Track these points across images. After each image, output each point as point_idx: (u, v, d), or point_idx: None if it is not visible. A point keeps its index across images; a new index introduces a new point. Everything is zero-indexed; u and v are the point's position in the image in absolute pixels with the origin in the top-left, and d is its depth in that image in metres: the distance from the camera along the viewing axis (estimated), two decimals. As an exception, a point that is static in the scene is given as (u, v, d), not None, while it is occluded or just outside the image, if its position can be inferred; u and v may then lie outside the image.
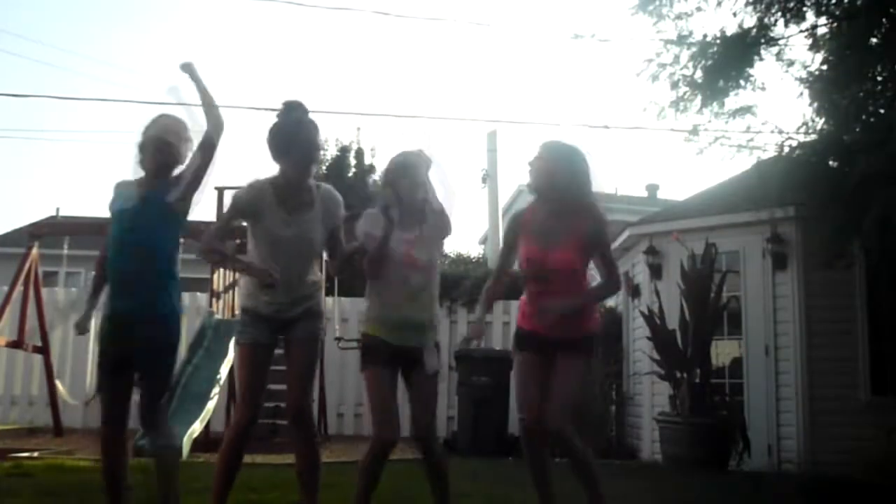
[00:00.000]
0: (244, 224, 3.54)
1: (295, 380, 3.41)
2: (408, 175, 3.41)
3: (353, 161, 19.84)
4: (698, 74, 6.89)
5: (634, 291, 8.89)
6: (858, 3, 6.46)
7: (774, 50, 6.96)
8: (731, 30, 6.90)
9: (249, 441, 3.44)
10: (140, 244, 3.39)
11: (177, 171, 3.49)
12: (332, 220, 3.45)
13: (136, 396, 3.44)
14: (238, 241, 4.79)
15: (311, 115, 3.43)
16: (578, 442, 3.41)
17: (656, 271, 8.29)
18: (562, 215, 3.47)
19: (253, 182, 3.39)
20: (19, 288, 8.29)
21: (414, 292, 3.38)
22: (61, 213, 22.79)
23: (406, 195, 3.39)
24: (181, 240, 3.66)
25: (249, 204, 3.35)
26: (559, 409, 3.39)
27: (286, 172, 3.37)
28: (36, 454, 6.42)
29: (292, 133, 3.35)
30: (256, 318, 3.37)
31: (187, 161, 3.49)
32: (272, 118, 3.41)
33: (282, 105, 3.41)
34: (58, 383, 8.57)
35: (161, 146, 3.42)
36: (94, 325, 3.76)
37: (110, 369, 3.41)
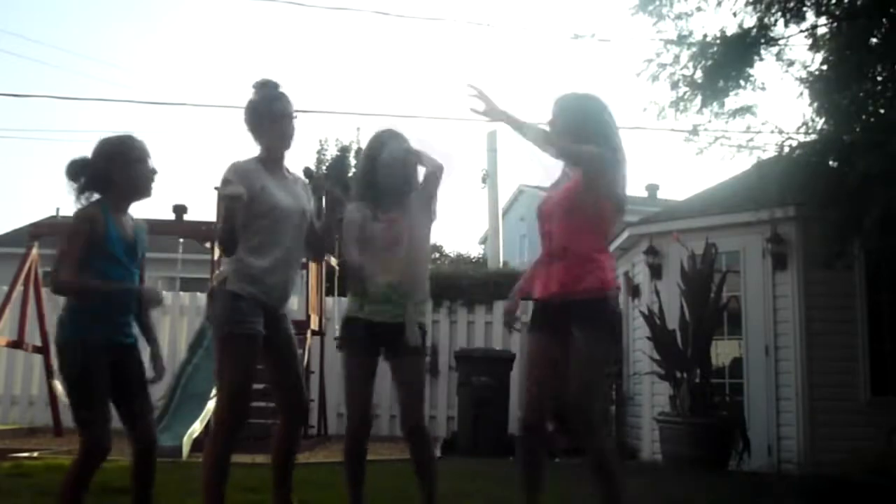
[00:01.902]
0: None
1: (298, 380, 3.41)
2: (386, 149, 3.49)
3: (353, 161, 19.87)
4: (698, 74, 6.89)
5: (634, 291, 8.89)
6: (858, 3, 6.46)
7: (774, 50, 6.96)
8: (731, 30, 6.90)
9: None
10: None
11: None
12: (309, 203, 3.48)
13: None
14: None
15: (283, 91, 3.42)
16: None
17: (656, 271, 8.29)
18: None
19: (235, 162, 3.29)
20: (19, 288, 8.30)
21: (394, 265, 3.42)
22: (61, 213, 22.81)
23: (383, 170, 3.47)
24: (181, 240, 3.65)
25: (245, 178, 3.21)
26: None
27: (268, 147, 3.36)
28: (36, 454, 6.42)
29: (266, 108, 3.35)
30: (254, 305, 3.20)
31: None
32: (247, 97, 3.42)
33: (254, 85, 3.41)
34: (56, 383, 8.57)
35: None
36: None
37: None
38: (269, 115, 3.34)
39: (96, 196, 3.20)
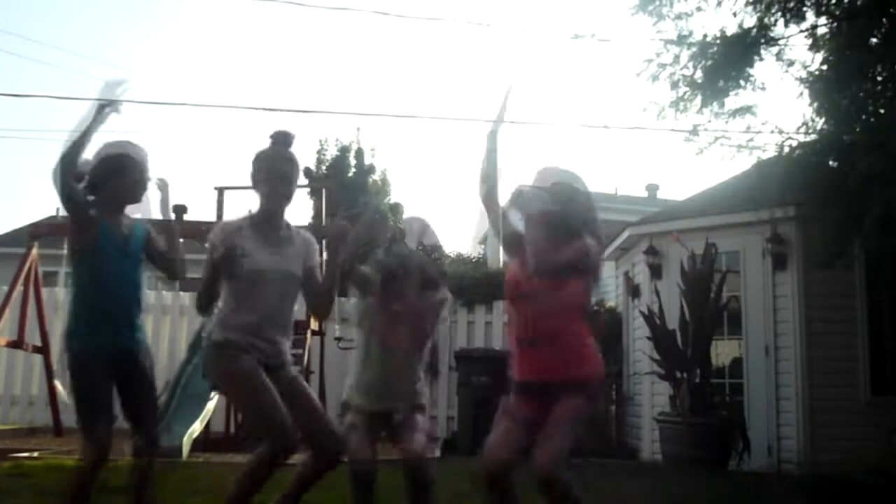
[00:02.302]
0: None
1: (320, 421, 3.28)
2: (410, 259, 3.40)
3: (353, 161, 19.85)
4: (698, 74, 6.90)
5: (634, 291, 8.90)
6: (858, 3, 6.46)
7: (774, 50, 6.97)
8: (731, 30, 6.92)
9: (249, 443, 3.40)
10: None
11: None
12: (309, 260, 3.36)
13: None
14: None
15: (292, 149, 3.33)
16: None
17: (656, 271, 8.29)
18: (558, 239, 3.12)
19: (225, 222, 3.33)
20: (19, 288, 8.29)
21: (392, 363, 3.29)
22: (61, 213, 22.82)
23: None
24: (181, 240, 3.62)
25: (226, 240, 3.13)
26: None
27: (261, 203, 3.28)
28: (36, 454, 6.41)
29: (261, 164, 3.28)
30: (241, 350, 3.13)
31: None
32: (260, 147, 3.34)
33: (270, 135, 3.33)
34: (57, 384, 8.56)
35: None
36: None
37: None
38: (264, 172, 3.25)
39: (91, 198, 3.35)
